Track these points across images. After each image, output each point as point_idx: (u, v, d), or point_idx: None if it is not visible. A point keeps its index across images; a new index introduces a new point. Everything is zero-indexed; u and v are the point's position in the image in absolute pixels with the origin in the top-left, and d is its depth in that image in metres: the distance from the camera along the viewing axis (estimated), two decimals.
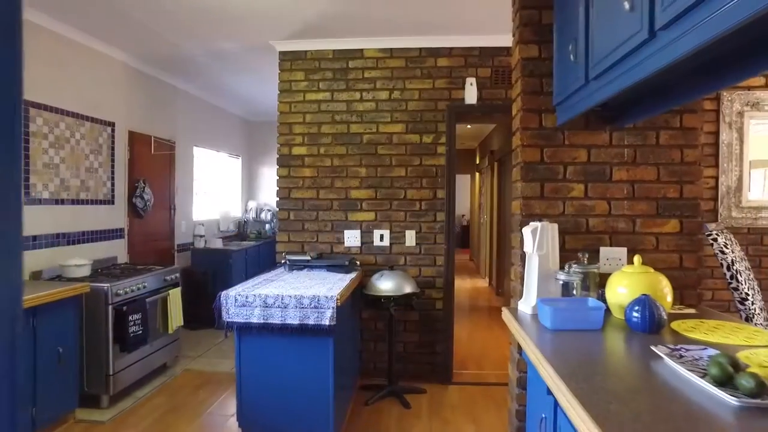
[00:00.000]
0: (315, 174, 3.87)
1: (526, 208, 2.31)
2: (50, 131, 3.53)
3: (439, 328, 3.78)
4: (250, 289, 2.70)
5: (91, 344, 3.22)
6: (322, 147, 3.86)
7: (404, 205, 3.78)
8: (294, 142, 3.89)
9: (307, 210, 3.88)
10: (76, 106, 3.77)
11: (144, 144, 4.69)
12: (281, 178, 3.91)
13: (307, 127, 3.88)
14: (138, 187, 4.51)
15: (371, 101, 3.82)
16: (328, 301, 2.56)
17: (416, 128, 3.78)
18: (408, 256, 3.79)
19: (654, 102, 1.85)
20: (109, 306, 3.21)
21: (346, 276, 3.23)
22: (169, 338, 3.98)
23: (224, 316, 2.64)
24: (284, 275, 3.25)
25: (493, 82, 3.73)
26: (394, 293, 3.28)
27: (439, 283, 3.76)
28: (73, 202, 3.75)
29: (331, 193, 3.85)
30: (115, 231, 4.24)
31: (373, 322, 3.82)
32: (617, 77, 1.58)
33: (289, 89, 3.90)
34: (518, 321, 1.99)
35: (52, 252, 3.54)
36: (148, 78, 4.78)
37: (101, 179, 4.07)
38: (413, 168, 3.78)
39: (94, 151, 3.98)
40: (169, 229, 5.20)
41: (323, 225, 3.86)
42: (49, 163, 3.52)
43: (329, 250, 3.85)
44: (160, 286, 3.80)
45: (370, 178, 3.81)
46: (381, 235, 3.79)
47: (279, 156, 3.91)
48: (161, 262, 4.96)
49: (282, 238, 3.90)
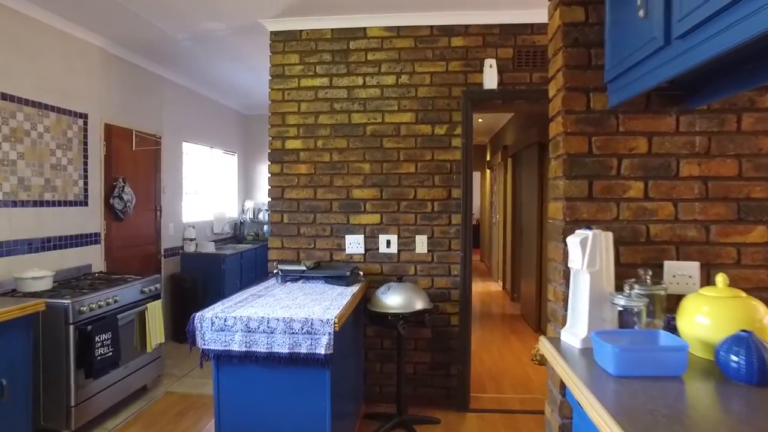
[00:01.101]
0: (312, 171, 3.42)
1: (570, 212, 1.85)
2: (3, 122, 3.10)
3: (455, 347, 3.33)
4: (231, 309, 2.26)
5: (48, 372, 2.79)
6: (319, 140, 3.41)
7: (414, 206, 3.33)
8: (287, 134, 3.44)
9: (303, 212, 3.43)
10: (37, 95, 3.34)
11: (124, 138, 4.26)
12: (273, 176, 3.46)
13: (303, 117, 3.43)
14: (117, 186, 4.08)
15: (376, 87, 3.37)
16: (324, 326, 2.11)
17: (427, 118, 3.32)
18: (419, 265, 3.33)
19: (742, 75, 1.38)
20: (70, 326, 2.78)
21: (346, 290, 2.78)
22: (149, 357, 3.55)
23: (199, 342, 2.20)
24: (275, 289, 2.81)
25: (515, 64, 3.27)
26: (403, 310, 2.83)
27: (455, 295, 3.31)
28: (35, 203, 3.32)
29: (331, 192, 3.40)
30: (88, 236, 3.81)
31: (379, 340, 3.38)
32: (724, 31, 1.11)
33: (282, 74, 3.45)
34: (563, 356, 1.55)
35: (8, 261, 3.12)
36: (129, 66, 4.34)
37: (71, 178, 3.64)
38: (424, 163, 3.32)
39: (61, 146, 3.55)
40: (155, 232, 4.77)
41: (321, 229, 3.41)
42: (2, 159, 3.09)
43: (328, 258, 3.41)
44: (136, 299, 3.37)
45: (374, 176, 3.36)
46: (387, 241, 3.34)
47: (271, 151, 3.46)
48: (145, 269, 4.54)
49: (274, 244, 3.45)
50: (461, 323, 3.31)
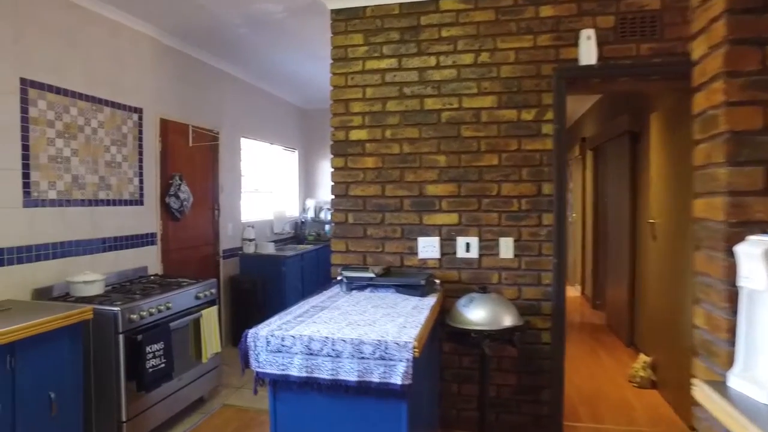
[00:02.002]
0: (379, 164, 3.06)
1: (736, 211, 1.38)
2: (57, 117, 2.95)
3: (546, 368, 2.86)
4: (289, 326, 1.93)
5: (99, 384, 2.60)
6: (388, 129, 3.05)
7: (498, 203, 2.89)
8: (351, 124, 3.10)
9: (370, 211, 3.08)
10: (91, 88, 3.19)
11: (180, 134, 4.08)
12: (336, 171, 3.13)
13: (369, 104, 3.08)
14: (172, 184, 3.91)
15: (451, 68, 2.96)
16: (401, 350, 1.73)
17: (512, 101, 2.88)
18: (503, 272, 2.89)
19: None
20: (119, 335, 2.57)
21: (422, 301, 2.39)
22: (205, 367, 3.33)
23: (253, 364, 1.88)
24: (340, 299, 2.47)
25: (618, 34, 2.76)
26: (489, 327, 2.41)
27: (546, 308, 2.84)
28: (90, 203, 3.16)
29: (401, 188, 3.03)
30: (144, 236, 3.65)
31: (457, 357, 2.97)
32: None
33: (344, 57, 3.11)
34: (738, 410, 1.10)
35: (63, 264, 2.97)
36: (184, 57, 4.17)
37: (126, 175, 3.47)
38: (509, 154, 2.88)
39: (116, 142, 3.39)
40: (212, 232, 4.59)
41: (391, 230, 3.04)
42: (56, 156, 2.94)
43: (398, 263, 3.03)
44: (190, 306, 3.15)
45: (451, 169, 2.95)
46: (467, 244, 2.93)
47: (333, 143, 3.13)
48: (203, 271, 4.36)
49: (338, 247, 3.12)
50: (554, 341, 2.84)
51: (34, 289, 2.79)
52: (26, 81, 2.77)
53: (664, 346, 3.53)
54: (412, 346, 1.73)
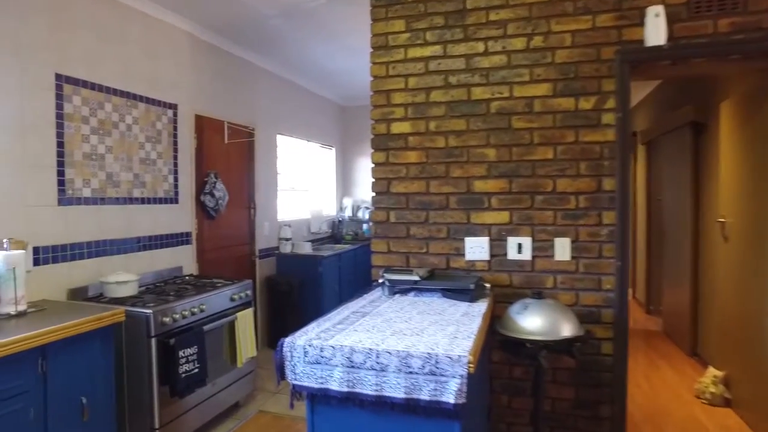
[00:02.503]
0: (423, 159, 2.87)
1: None
2: (92, 113, 2.89)
3: (606, 381, 2.62)
4: (329, 335, 1.78)
5: (132, 389, 2.51)
6: (432, 121, 2.86)
7: (553, 200, 2.67)
8: (393, 116, 2.93)
9: (413, 209, 2.90)
10: (125, 84, 3.13)
11: (215, 131, 4.01)
12: (377, 166, 2.96)
13: (411, 94, 2.90)
14: (208, 182, 3.83)
15: (501, 53, 2.75)
16: (454, 365, 1.55)
17: (569, 89, 2.64)
18: (559, 276, 2.67)
19: None
20: (151, 339, 2.48)
21: (472, 308, 2.20)
22: (240, 372, 3.23)
23: (289, 376, 1.74)
24: (382, 304, 2.30)
25: (692, 9, 2.48)
26: (546, 337, 2.19)
27: (607, 316, 2.60)
28: (124, 201, 3.11)
29: (447, 185, 2.83)
30: (179, 236, 3.58)
31: (507, 367, 2.76)
32: None
33: (385, 45, 2.94)
34: None
35: (98, 263, 2.91)
36: (220, 53, 4.09)
37: (161, 173, 3.41)
38: (566, 147, 2.65)
39: (150, 139, 3.33)
40: (248, 231, 4.51)
41: (436, 230, 2.86)
42: (91, 153, 2.89)
43: (444, 265, 2.84)
44: (225, 308, 3.05)
45: (501, 164, 2.74)
46: (519, 245, 2.71)
47: (374, 136, 2.97)
48: (239, 271, 4.28)
49: (379, 248, 2.96)
50: (616, 353, 2.59)
51: (69, 289, 2.74)
52: (61, 76, 2.73)
53: (741, 359, 3.21)
54: (466, 360, 1.54)
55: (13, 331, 2.03)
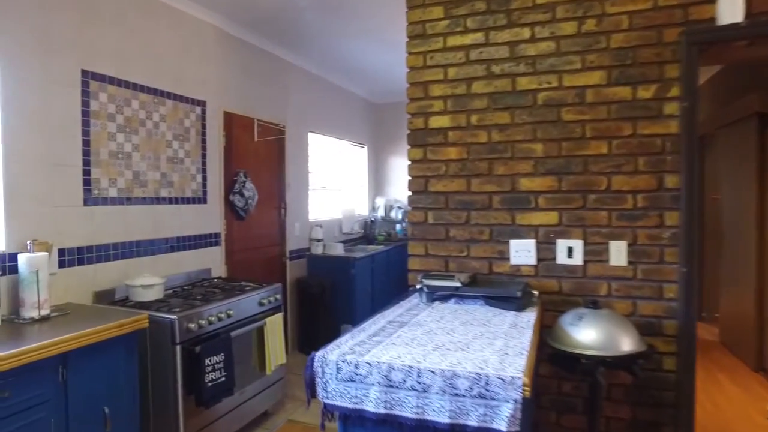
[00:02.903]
0: (464, 155, 2.69)
1: None
2: (118, 110, 2.82)
3: (667, 401, 2.39)
4: (363, 349, 1.62)
5: (156, 398, 2.42)
6: (473, 115, 2.68)
7: (607, 200, 2.45)
8: (431, 109, 2.76)
9: (453, 209, 2.72)
10: (152, 80, 3.06)
11: (244, 128, 3.92)
12: (414, 164, 2.80)
13: (451, 86, 2.72)
14: (237, 181, 3.74)
15: (549, 40, 2.54)
16: (507, 388, 1.37)
17: (626, 76, 2.42)
18: (614, 283, 2.44)
19: None
20: (176, 346, 2.38)
21: (520, 318, 2.02)
22: (269, 380, 3.11)
23: (320, 393, 1.59)
24: (421, 312, 2.14)
25: None
26: (604, 352, 1.98)
27: (669, 327, 2.37)
28: (151, 201, 3.03)
29: (490, 183, 2.65)
30: (207, 237, 3.49)
31: (556, 381, 2.56)
32: None
33: (423, 33, 2.77)
34: None
35: (124, 265, 2.84)
36: (249, 48, 4.00)
37: (188, 172, 3.33)
38: (622, 140, 2.43)
39: (178, 137, 3.25)
40: (279, 232, 4.41)
41: (477, 231, 2.67)
42: (117, 151, 2.82)
43: (486, 270, 2.66)
44: (254, 313, 2.94)
45: (549, 159, 2.54)
46: (569, 248, 2.50)
47: (410, 131, 2.80)
48: (269, 273, 4.18)
49: (416, 251, 2.79)
50: (681, 370, 2.35)
51: (95, 292, 2.67)
52: (87, 73, 2.67)
53: None
54: (521, 383, 1.36)
55: (35, 337, 1.96)
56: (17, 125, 2.33)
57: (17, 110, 2.33)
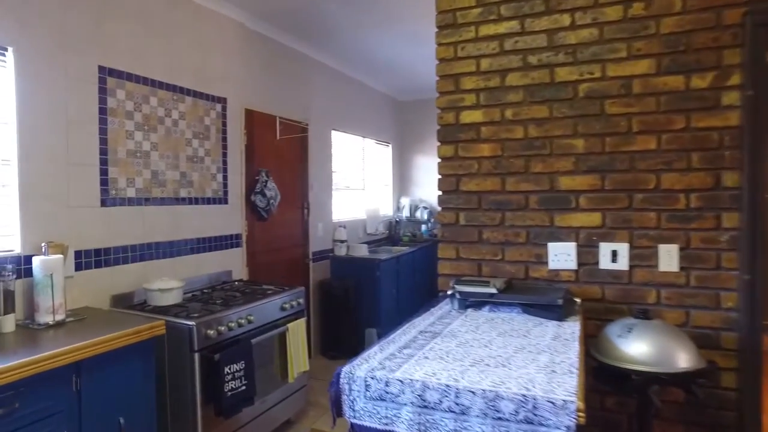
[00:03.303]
0: (498, 152, 2.54)
1: None
2: (136, 108, 2.75)
3: (725, 422, 2.19)
4: (394, 364, 1.49)
5: (174, 407, 2.33)
6: (508, 108, 2.52)
7: (656, 199, 2.27)
8: (463, 103, 2.61)
9: (487, 210, 2.57)
10: (172, 77, 2.98)
11: (266, 126, 3.83)
12: (444, 161, 2.65)
13: (484, 78, 2.57)
14: (259, 180, 3.65)
15: (591, 26, 2.37)
16: (559, 413, 1.22)
17: (678, 64, 2.23)
18: (663, 290, 2.26)
19: None
20: (194, 353, 2.28)
21: (563, 328, 1.86)
22: (291, 387, 3.01)
23: (347, 412, 1.47)
24: (454, 321, 2.00)
25: None
26: (657, 367, 1.81)
27: (728, 340, 2.17)
28: (170, 201, 2.96)
29: (526, 181, 2.49)
30: (228, 238, 3.41)
31: (597, 396, 2.38)
32: None
33: (453, 23, 2.63)
34: None
35: (142, 268, 2.77)
36: (271, 43, 3.91)
37: (209, 171, 3.25)
38: (673, 135, 2.24)
39: (198, 135, 3.17)
40: (301, 233, 4.31)
41: (513, 234, 2.52)
42: (135, 150, 2.74)
43: (522, 275, 2.50)
44: (275, 318, 2.84)
45: (592, 156, 2.37)
46: (613, 252, 2.33)
47: (440, 127, 2.66)
48: (291, 275, 4.09)
49: (446, 254, 2.65)
50: (743, 387, 2.15)
51: (113, 296, 2.60)
52: (104, 69, 2.59)
53: None
54: (574, 407, 1.21)
55: (48, 344, 1.88)
56: (33, 123, 2.27)
57: (33, 107, 2.27)
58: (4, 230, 2.20)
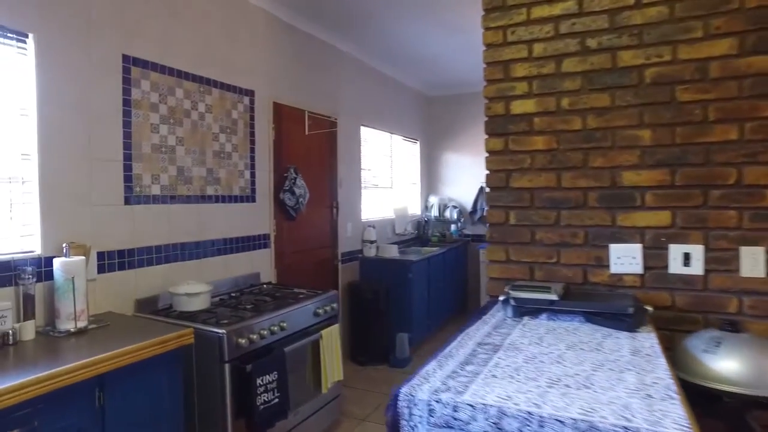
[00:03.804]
0: (553, 145, 2.34)
1: None
2: (162, 100, 2.61)
3: None
4: (459, 383, 1.31)
5: (203, 421, 2.17)
6: (564, 97, 2.32)
7: (737, 196, 2.04)
8: (513, 92, 2.41)
9: (540, 208, 2.37)
10: (198, 67, 2.84)
11: (295, 121, 3.67)
12: (493, 156, 2.46)
13: (537, 65, 2.37)
14: (287, 178, 3.49)
15: (660, 4, 2.15)
16: None
17: (766, 43, 2.00)
18: (746, 298, 2.03)
19: None
20: (225, 364, 2.12)
21: (637, 340, 1.66)
22: (325, 398, 2.84)
23: None
24: (512, 331, 1.80)
25: None
26: (755, 390, 1.59)
27: None
28: (196, 199, 2.81)
29: (585, 177, 2.28)
30: (256, 238, 3.26)
31: None
32: None
33: (502, 5, 2.43)
34: None
35: (168, 270, 2.63)
36: (299, 34, 3.75)
37: (236, 168, 3.10)
38: (758, 123, 2.01)
39: (225, 130, 3.02)
40: (330, 233, 4.15)
41: (569, 234, 2.31)
42: (160, 145, 2.61)
43: (580, 279, 2.29)
44: (309, 324, 2.67)
45: (660, 148, 2.15)
46: (685, 255, 2.11)
47: (488, 118, 2.46)
48: (320, 278, 3.93)
49: (495, 256, 2.45)
50: None
51: (137, 300, 2.46)
52: (129, 58, 2.46)
53: None
54: None
55: (69, 355, 1.74)
56: (54, 115, 2.14)
57: (53, 99, 2.14)
58: (24, 230, 2.07)
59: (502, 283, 2.43)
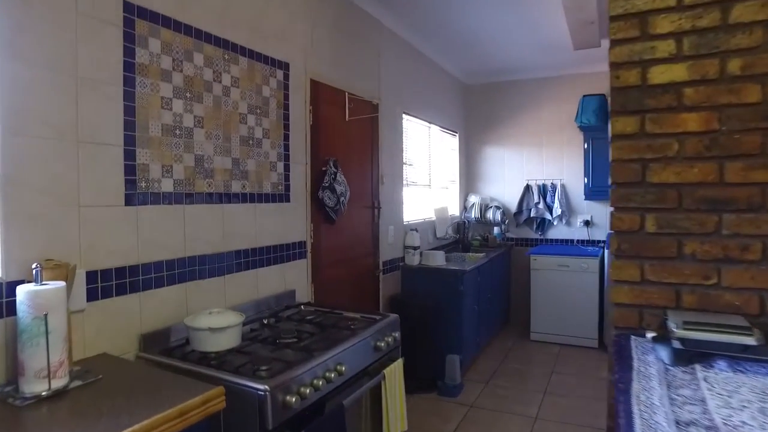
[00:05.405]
0: (713, 125, 1.70)
1: None
2: (176, 66, 1.99)
3: None
4: None
5: None
6: (733, 59, 1.68)
7: None
8: (654, 55, 1.77)
9: (692, 210, 1.73)
10: (221, 29, 2.22)
11: (334, 103, 3.05)
12: (621, 140, 1.82)
13: (689, 16, 1.73)
14: (327, 172, 2.87)
15: None
16: None
17: None
18: None
19: None
20: None
21: None
22: None
23: None
24: (704, 393, 1.18)
25: None
26: None
27: None
28: (219, 198, 2.19)
29: (763, 168, 1.64)
30: (291, 247, 2.64)
31: None
32: None
33: None
34: None
35: (182, 291, 2.01)
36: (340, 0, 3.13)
37: (268, 159, 2.48)
38: None
39: (255, 110, 2.40)
40: (371, 238, 3.52)
41: (738, 246, 1.67)
42: (173, 125, 1.99)
43: (756, 310, 1.64)
44: (367, 363, 2.04)
45: None
46: None
47: (615, 90, 1.83)
48: (359, 293, 3.31)
49: (625, 274, 1.81)
50: None
51: (142, 335, 1.85)
52: (133, 7, 1.84)
53: None
54: None
55: None
56: (24, 79, 1.52)
57: (24, 56, 1.52)
58: None
59: (635, 312, 1.80)
